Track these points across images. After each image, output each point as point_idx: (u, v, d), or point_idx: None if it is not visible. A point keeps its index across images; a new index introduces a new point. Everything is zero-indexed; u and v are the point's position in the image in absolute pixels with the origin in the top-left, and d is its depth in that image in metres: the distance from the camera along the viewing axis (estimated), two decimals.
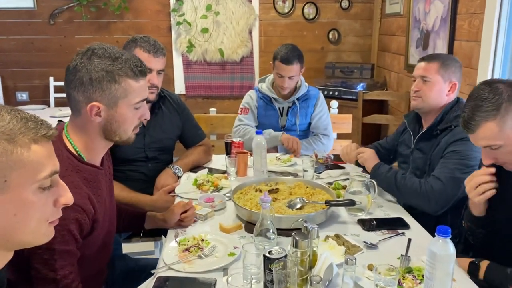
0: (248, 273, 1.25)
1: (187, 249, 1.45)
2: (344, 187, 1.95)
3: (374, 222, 1.64)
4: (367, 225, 1.63)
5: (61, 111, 3.95)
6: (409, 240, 1.52)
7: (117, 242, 2.01)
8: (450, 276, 1.15)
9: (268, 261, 1.19)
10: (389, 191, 1.92)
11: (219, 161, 2.37)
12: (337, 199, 1.76)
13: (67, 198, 0.89)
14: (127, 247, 2.20)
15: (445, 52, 2.94)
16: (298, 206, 1.67)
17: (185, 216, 1.67)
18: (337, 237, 1.52)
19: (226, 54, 4.56)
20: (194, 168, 2.28)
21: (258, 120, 2.76)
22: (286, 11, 4.58)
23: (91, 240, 1.30)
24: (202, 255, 1.42)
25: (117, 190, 1.91)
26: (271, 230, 1.40)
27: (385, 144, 2.29)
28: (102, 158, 1.39)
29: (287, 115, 2.73)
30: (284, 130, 2.71)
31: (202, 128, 2.46)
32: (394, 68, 4.13)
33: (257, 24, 4.60)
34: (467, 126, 1.38)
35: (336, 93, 4.14)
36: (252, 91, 2.79)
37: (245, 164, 2.18)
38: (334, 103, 3.19)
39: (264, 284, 1.23)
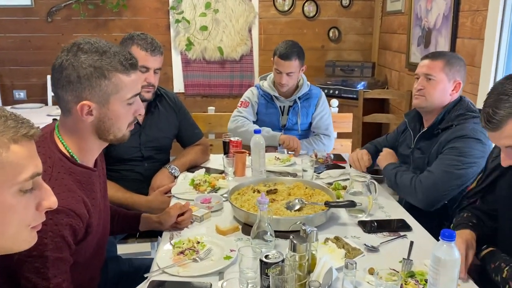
0: (244, 278, 1.21)
1: (182, 252, 1.41)
2: (344, 188, 1.91)
3: (375, 224, 1.61)
4: (368, 227, 1.59)
5: (59, 110, 3.89)
6: (411, 243, 1.47)
7: (112, 244, 1.97)
8: (455, 282, 1.11)
9: (265, 266, 1.15)
10: (392, 188, 1.96)
11: (217, 161, 2.32)
12: (337, 200, 1.72)
13: (51, 202, 0.84)
14: (123, 248, 2.16)
15: (447, 50, 2.90)
16: (297, 208, 1.63)
17: (182, 219, 1.62)
18: (337, 240, 1.48)
19: (226, 53, 4.52)
20: (191, 168, 2.24)
21: (259, 118, 2.73)
22: (286, 9, 4.53)
23: (85, 246, 1.24)
24: (197, 259, 1.38)
25: (112, 191, 1.87)
26: (269, 233, 1.37)
27: (385, 143, 2.25)
28: (96, 159, 1.34)
29: (288, 114, 2.70)
30: (285, 130, 2.68)
31: (200, 127, 2.42)
32: (395, 67, 4.08)
33: (257, 22, 4.55)
34: (490, 122, 1.25)
35: (337, 92, 4.10)
36: (254, 88, 2.76)
37: (243, 164, 2.14)
38: (335, 102, 3.18)
39: None
